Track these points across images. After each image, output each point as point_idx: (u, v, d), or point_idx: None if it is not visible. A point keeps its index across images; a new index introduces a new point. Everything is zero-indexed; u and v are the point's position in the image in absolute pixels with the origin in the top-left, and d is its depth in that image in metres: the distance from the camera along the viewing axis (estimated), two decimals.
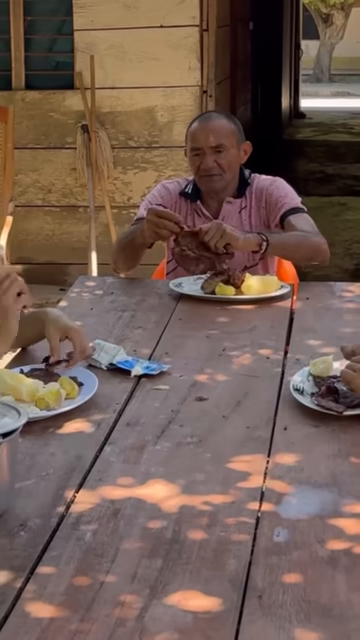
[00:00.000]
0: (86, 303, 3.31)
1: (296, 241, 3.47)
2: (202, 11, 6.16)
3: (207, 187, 3.66)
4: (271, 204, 3.65)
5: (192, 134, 3.66)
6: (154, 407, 2.47)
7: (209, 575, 1.75)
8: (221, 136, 3.61)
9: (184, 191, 3.73)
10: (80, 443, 2.27)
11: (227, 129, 3.64)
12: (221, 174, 3.62)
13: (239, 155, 3.68)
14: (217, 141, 3.60)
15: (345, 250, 8.22)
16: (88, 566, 1.77)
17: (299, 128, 16.71)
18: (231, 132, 3.65)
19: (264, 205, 3.67)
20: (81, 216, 6.50)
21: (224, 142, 3.61)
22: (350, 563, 1.78)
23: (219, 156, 3.60)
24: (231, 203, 3.67)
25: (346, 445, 2.25)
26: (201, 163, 3.61)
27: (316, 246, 3.50)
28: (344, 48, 27.38)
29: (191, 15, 6.13)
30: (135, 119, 6.33)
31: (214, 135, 3.61)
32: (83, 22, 6.24)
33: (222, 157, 3.61)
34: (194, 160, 3.64)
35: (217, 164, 3.60)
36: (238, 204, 3.68)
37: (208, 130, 3.62)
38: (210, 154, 3.60)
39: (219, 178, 3.63)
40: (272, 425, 2.36)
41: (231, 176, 3.66)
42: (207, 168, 3.60)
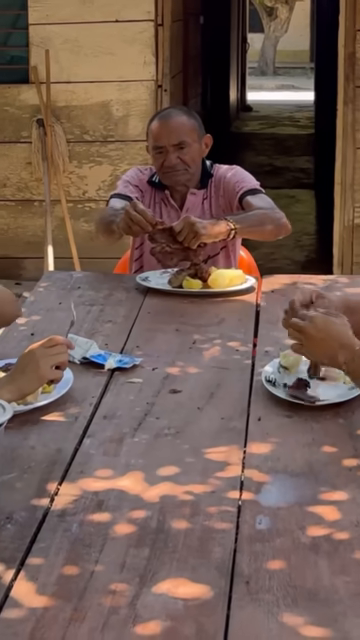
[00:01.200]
0: (54, 298, 3.33)
1: (259, 219, 3.52)
2: (157, 6, 6.18)
3: (171, 181, 3.71)
4: (229, 190, 3.71)
5: (153, 133, 3.69)
6: (129, 400, 2.50)
7: (196, 563, 1.79)
8: (182, 133, 3.65)
9: (151, 180, 3.79)
10: (59, 436, 2.30)
11: (187, 125, 3.69)
12: (186, 169, 3.67)
13: (201, 149, 3.73)
14: (179, 138, 3.64)
15: (295, 242, 8.30)
16: (77, 556, 1.81)
17: (246, 121, 16.80)
18: (192, 128, 3.69)
19: (222, 193, 3.73)
20: (36, 210, 6.50)
21: (185, 139, 3.65)
22: (331, 548, 1.83)
23: (182, 152, 3.65)
24: (195, 194, 3.73)
25: (319, 434, 2.30)
26: (164, 161, 3.65)
27: (278, 221, 3.57)
28: (288, 41, 27.49)
29: (146, 10, 6.15)
30: (90, 113, 6.34)
31: (175, 133, 3.65)
32: (38, 16, 6.23)
33: (185, 153, 3.65)
34: (157, 158, 3.68)
35: (180, 160, 3.65)
36: (201, 195, 3.73)
37: (169, 128, 3.66)
38: (173, 151, 3.64)
39: (183, 172, 3.68)
40: (246, 416, 2.40)
41: (195, 169, 3.71)
42: (170, 165, 3.65)
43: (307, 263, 7.61)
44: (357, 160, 6.19)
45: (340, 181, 6.24)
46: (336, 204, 6.30)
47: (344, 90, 6.15)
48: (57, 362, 2.37)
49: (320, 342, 2.35)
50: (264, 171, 11.53)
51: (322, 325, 2.35)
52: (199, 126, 3.74)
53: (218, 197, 3.73)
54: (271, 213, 3.57)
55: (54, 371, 2.38)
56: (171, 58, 6.39)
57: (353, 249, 6.28)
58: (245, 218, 3.48)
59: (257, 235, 3.63)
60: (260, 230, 3.54)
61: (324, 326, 2.35)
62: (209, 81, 11.55)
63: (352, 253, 6.28)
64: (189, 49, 8.62)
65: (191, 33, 8.98)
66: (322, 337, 2.34)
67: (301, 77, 24.99)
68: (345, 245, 6.28)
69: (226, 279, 3.33)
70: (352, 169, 6.20)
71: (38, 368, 2.34)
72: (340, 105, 6.19)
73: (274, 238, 3.64)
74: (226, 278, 3.33)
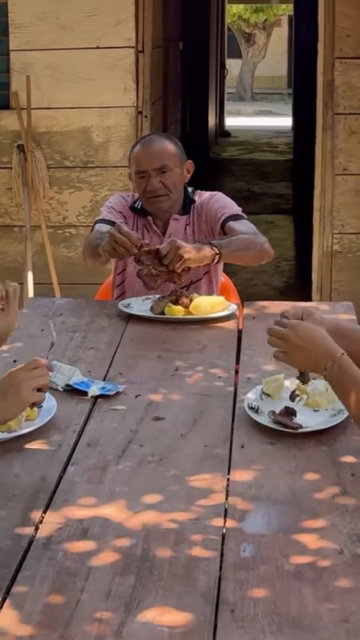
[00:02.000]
0: (37, 324, 3.34)
1: (243, 244, 3.54)
2: (137, 33, 6.21)
3: (154, 208, 3.74)
4: (211, 216, 3.74)
5: (135, 158, 3.74)
6: (113, 427, 2.51)
7: (181, 591, 1.80)
8: (164, 157, 3.70)
9: (134, 206, 3.82)
10: (43, 464, 2.30)
11: (169, 150, 3.73)
12: (167, 194, 3.71)
13: (182, 174, 3.77)
14: (160, 162, 3.68)
15: (274, 268, 8.33)
16: (62, 585, 1.81)
17: (225, 147, 16.87)
18: (173, 153, 3.74)
19: (204, 219, 3.76)
20: (16, 236, 6.50)
21: (167, 163, 3.69)
22: (315, 576, 1.85)
23: (163, 176, 3.68)
24: (177, 220, 3.76)
25: (302, 461, 2.32)
26: (147, 185, 3.69)
27: (261, 246, 3.59)
28: (266, 67, 27.68)
29: (127, 37, 6.18)
30: (71, 139, 6.36)
31: (157, 157, 3.69)
32: (19, 42, 6.25)
33: (167, 177, 3.69)
34: (140, 183, 3.72)
35: (162, 184, 3.69)
36: (184, 221, 3.77)
37: (151, 153, 3.70)
38: (155, 176, 3.68)
39: (165, 198, 3.71)
40: (229, 443, 2.42)
41: (177, 195, 3.75)
42: (153, 189, 3.68)
43: (286, 289, 7.65)
44: (336, 187, 6.23)
45: (319, 207, 6.28)
46: (315, 230, 6.33)
47: (323, 117, 6.19)
48: (38, 385, 2.37)
49: (302, 349, 2.35)
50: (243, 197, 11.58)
51: (303, 332, 2.36)
52: (180, 152, 3.78)
53: (200, 223, 3.76)
54: (254, 238, 3.59)
55: (36, 394, 2.37)
56: (151, 84, 6.43)
57: (332, 275, 6.31)
58: (229, 243, 3.51)
59: (240, 260, 3.65)
60: (243, 255, 3.56)
61: (305, 333, 2.36)
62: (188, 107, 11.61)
63: (331, 279, 6.31)
64: (169, 75, 8.67)
65: (171, 59, 9.03)
66: (303, 344, 2.35)
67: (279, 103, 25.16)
68: (324, 271, 6.31)
69: (208, 305, 3.35)
70: (331, 195, 6.24)
71: (20, 392, 2.34)
72: (319, 132, 6.23)
73: (257, 263, 3.67)
74: (208, 305, 3.36)
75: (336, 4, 6.05)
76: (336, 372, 2.29)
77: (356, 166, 6.20)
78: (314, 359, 2.34)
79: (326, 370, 2.30)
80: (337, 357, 2.29)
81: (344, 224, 6.27)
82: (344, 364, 2.29)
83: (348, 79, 6.13)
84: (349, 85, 6.13)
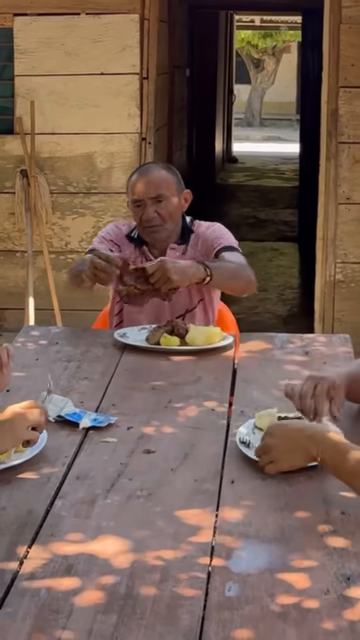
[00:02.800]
0: (31, 354, 3.33)
1: (234, 272, 3.56)
2: (142, 59, 6.24)
3: (150, 237, 3.74)
4: (207, 245, 3.74)
5: (132, 187, 3.74)
6: (103, 460, 2.49)
7: (163, 630, 1.77)
8: (160, 187, 3.69)
9: (130, 235, 3.82)
10: (31, 497, 2.28)
11: (166, 179, 3.73)
12: (162, 224, 3.70)
13: (180, 204, 3.76)
14: (156, 192, 3.68)
15: (278, 296, 8.33)
16: (44, 622, 1.79)
17: (232, 173, 16.91)
18: (170, 182, 3.73)
19: (199, 248, 3.75)
20: (18, 261, 6.51)
21: (163, 192, 3.69)
22: (300, 617, 1.82)
23: (159, 206, 3.68)
24: (174, 249, 3.75)
25: (292, 498, 2.29)
26: (142, 214, 3.68)
27: (249, 278, 3.60)
28: (275, 93, 27.75)
29: (131, 63, 6.21)
30: (74, 165, 6.38)
31: (153, 186, 3.69)
32: (24, 68, 6.28)
33: (162, 207, 3.68)
34: (136, 212, 3.72)
35: (158, 214, 3.68)
36: (181, 250, 3.76)
37: (147, 182, 3.70)
38: (150, 205, 3.67)
39: (161, 228, 3.71)
40: (220, 478, 2.40)
41: (173, 225, 3.74)
42: (148, 219, 3.68)
43: (289, 317, 7.63)
44: (339, 215, 6.23)
45: (322, 236, 6.28)
46: (318, 259, 6.33)
47: (327, 146, 6.20)
48: (34, 423, 2.37)
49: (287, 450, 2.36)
50: (248, 223, 11.61)
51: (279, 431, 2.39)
52: (178, 181, 3.78)
53: (196, 252, 3.75)
54: (244, 269, 3.60)
55: (30, 432, 2.38)
56: (156, 111, 6.44)
57: (334, 305, 6.30)
58: (221, 267, 3.51)
59: (228, 287, 3.66)
60: (232, 283, 3.58)
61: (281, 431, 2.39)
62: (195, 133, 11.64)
63: (333, 309, 6.30)
64: (175, 101, 8.69)
65: (177, 86, 9.06)
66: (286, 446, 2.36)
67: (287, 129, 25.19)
68: (327, 300, 6.30)
69: (203, 336, 3.34)
70: (334, 224, 6.24)
71: (14, 428, 2.34)
72: (323, 161, 6.24)
73: (241, 294, 3.71)
74: (203, 335, 3.34)
75: (341, 33, 6.08)
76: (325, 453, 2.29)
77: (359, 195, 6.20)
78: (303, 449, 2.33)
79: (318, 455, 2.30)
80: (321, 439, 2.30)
81: (347, 253, 6.27)
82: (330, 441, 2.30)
83: (352, 108, 6.14)
84: (353, 114, 6.14)
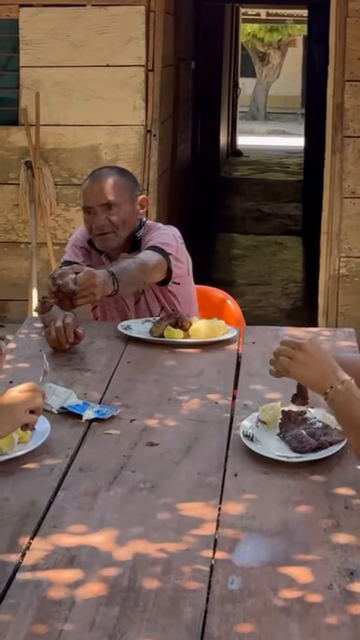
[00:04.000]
0: (34, 345, 3.32)
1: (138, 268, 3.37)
2: (148, 51, 6.23)
3: (101, 245, 3.61)
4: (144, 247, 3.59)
5: (83, 193, 3.59)
6: (106, 452, 2.49)
7: (166, 623, 1.77)
8: (110, 193, 3.52)
9: (90, 241, 3.68)
10: (34, 489, 2.28)
11: (117, 185, 3.55)
12: (114, 231, 3.54)
13: (134, 210, 3.59)
14: (107, 198, 3.51)
15: (282, 290, 8.32)
16: (46, 614, 1.79)
17: (236, 166, 16.89)
18: (122, 188, 3.56)
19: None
20: (22, 252, 6.50)
21: (114, 198, 3.52)
22: (303, 611, 1.82)
23: (110, 213, 3.52)
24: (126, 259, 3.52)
25: (296, 492, 2.29)
26: (93, 222, 3.54)
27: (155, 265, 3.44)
28: (280, 86, 27.72)
29: (137, 55, 6.20)
30: (79, 156, 6.37)
31: (103, 192, 3.52)
32: (29, 59, 6.27)
33: (113, 213, 3.52)
34: (87, 219, 3.57)
35: (109, 221, 3.52)
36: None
37: (97, 188, 3.53)
38: (101, 212, 3.51)
39: (113, 236, 3.55)
40: (223, 471, 2.39)
41: (126, 232, 3.58)
42: (98, 226, 3.53)
43: (293, 311, 7.62)
44: (344, 209, 6.22)
45: (326, 230, 6.27)
46: (322, 253, 6.32)
47: (332, 140, 6.19)
48: (32, 407, 2.37)
49: (308, 363, 2.33)
50: (252, 217, 11.59)
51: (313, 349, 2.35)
52: (132, 186, 3.61)
53: None
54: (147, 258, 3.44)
55: (29, 415, 2.38)
56: (161, 103, 6.43)
57: (338, 299, 6.29)
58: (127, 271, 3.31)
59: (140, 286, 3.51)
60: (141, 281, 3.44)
61: (315, 350, 2.35)
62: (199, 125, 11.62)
63: (337, 303, 6.29)
64: (180, 94, 8.67)
65: (182, 78, 9.03)
66: (311, 359, 2.33)
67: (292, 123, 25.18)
68: (330, 295, 6.30)
69: (207, 329, 3.33)
70: (339, 218, 6.23)
71: (13, 412, 2.34)
72: (328, 154, 6.23)
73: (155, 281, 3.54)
74: (207, 328, 3.33)
75: (347, 27, 6.06)
76: (343, 394, 2.26)
77: None
78: (320, 375, 2.32)
79: (331, 389, 2.27)
80: (346, 379, 2.28)
81: (351, 247, 6.26)
82: (350, 388, 2.27)
83: (358, 102, 6.13)
84: (359, 108, 6.12)
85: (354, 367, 2.67)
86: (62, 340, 3.16)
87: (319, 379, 2.33)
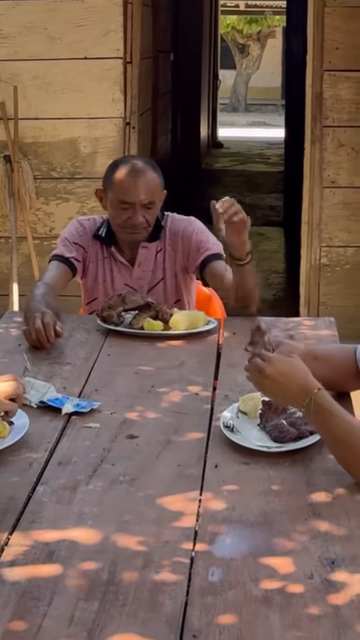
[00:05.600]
0: (13, 340, 3.30)
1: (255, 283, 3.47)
2: (126, 43, 6.19)
3: (129, 239, 3.62)
4: (191, 249, 3.63)
5: (122, 187, 3.53)
6: (85, 445, 2.47)
7: (145, 617, 1.76)
8: (153, 193, 3.55)
9: (98, 234, 3.68)
10: (12, 483, 2.26)
11: (157, 184, 3.58)
12: (146, 228, 3.59)
13: (160, 205, 3.64)
14: (149, 198, 3.53)
15: (264, 280, 8.29)
16: (25, 610, 1.77)
17: (217, 158, 16.85)
18: (160, 187, 3.59)
19: (180, 248, 3.65)
20: (2, 247, 6.47)
21: (155, 199, 3.56)
22: (283, 602, 1.81)
23: (148, 212, 3.55)
24: (147, 248, 3.64)
25: (276, 482, 2.28)
26: (129, 218, 3.54)
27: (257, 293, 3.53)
28: (260, 78, 27.67)
29: (115, 47, 6.16)
30: (58, 150, 6.33)
31: (146, 192, 3.52)
32: (7, 52, 6.22)
33: (151, 213, 3.56)
34: (121, 213, 3.54)
35: (145, 219, 3.56)
36: (154, 248, 3.66)
37: (140, 186, 3.52)
38: (140, 209, 3.53)
39: (144, 231, 3.60)
40: (203, 463, 2.38)
41: (152, 226, 3.63)
42: (136, 224, 3.55)
43: (275, 302, 7.61)
44: (324, 199, 6.21)
45: (307, 220, 6.25)
46: (303, 243, 6.30)
47: (311, 130, 6.17)
48: (12, 394, 2.37)
49: (279, 384, 2.34)
50: None
51: (281, 367, 2.35)
52: (163, 182, 3.63)
53: (175, 252, 3.66)
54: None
55: (9, 402, 2.37)
56: (140, 95, 6.40)
57: (320, 289, 6.28)
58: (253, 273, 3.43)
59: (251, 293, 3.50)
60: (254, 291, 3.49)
61: (282, 368, 2.35)
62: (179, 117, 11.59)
63: (318, 293, 6.28)
64: (159, 86, 8.64)
65: (161, 70, 9.01)
66: (281, 379, 2.34)
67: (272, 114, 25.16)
68: (312, 285, 6.28)
69: (187, 321, 3.31)
70: (319, 208, 6.21)
71: None
72: (307, 144, 6.21)
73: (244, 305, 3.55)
74: (187, 320, 3.32)
75: (325, 16, 6.04)
76: (313, 407, 2.28)
77: (344, 179, 6.18)
78: (292, 395, 2.33)
79: (304, 407, 2.30)
80: (313, 393, 2.29)
81: (332, 237, 6.25)
82: (320, 399, 2.28)
83: (337, 92, 6.11)
84: (338, 98, 6.11)
85: (332, 359, 2.68)
86: (43, 340, 3.14)
87: (291, 399, 2.36)
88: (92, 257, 3.66)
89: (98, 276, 3.67)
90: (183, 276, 3.67)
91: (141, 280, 3.65)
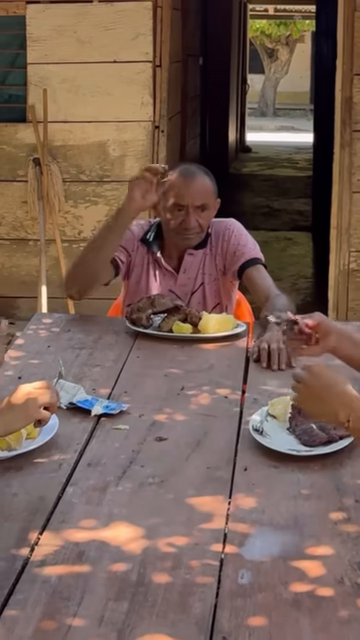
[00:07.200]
0: (43, 341, 3.31)
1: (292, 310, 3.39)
2: (155, 47, 6.20)
3: (183, 243, 3.62)
4: (229, 252, 3.64)
5: (177, 190, 3.54)
6: (114, 447, 2.48)
7: (175, 618, 1.76)
8: (206, 196, 3.56)
9: (145, 238, 3.68)
10: (42, 484, 2.27)
11: (211, 188, 3.59)
12: (199, 232, 3.59)
13: (214, 212, 3.65)
14: (202, 201, 3.54)
15: (292, 285, 8.28)
16: (55, 609, 1.78)
17: (245, 162, 16.85)
18: (213, 191, 3.60)
19: (220, 252, 3.65)
20: (31, 249, 6.49)
21: (208, 202, 3.56)
22: (313, 605, 1.80)
23: (201, 215, 3.56)
24: (193, 255, 3.64)
25: (306, 486, 2.28)
26: (183, 221, 3.54)
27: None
28: (288, 83, 27.66)
29: (144, 51, 6.17)
30: (87, 153, 6.35)
31: (200, 195, 3.54)
32: (37, 56, 6.25)
33: (204, 216, 3.57)
34: (176, 215, 3.55)
35: (198, 223, 3.56)
36: (200, 255, 3.65)
37: (194, 189, 3.54)
38: (193, 212, 3.53)
39: (197, 236, 3.60)
40: (232, 466, 2.38)
41: (205, 233, 3.64)
42: (190, 227, 3.55)
43: (303, 307, 7.57)
44: (353, 204, 6.19)
45: (336, 225, 6.24)
46: (332, 248, 6.29)
47: (340, 134, 6.16)
48: (46, 402, 2.35)
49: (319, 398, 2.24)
50: (262, 213, 11.55)
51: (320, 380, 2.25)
52: (216, 189, 3.64)
53: (215, 255, 3.66)
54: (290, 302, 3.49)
55: (42, 411, 2.35)
56: (169, 99, 6.41)
57: (348, 294, 6.26)
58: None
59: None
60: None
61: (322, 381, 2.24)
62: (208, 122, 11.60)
63: (347, 298, 6.26)
64: (188, 90, 8.65)
65: (190, 74, 9.02)
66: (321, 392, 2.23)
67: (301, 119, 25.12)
68: (340, 290, 6.27)
69: (216, 324, 3.31)
70: (348, 213, 6.20)
71: (27, 406, 2.32)
72: (337, 149, 6.20)
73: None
74: (216, 323, 3.31)
75: (355, 21, 6.03)
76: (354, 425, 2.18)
77: None
78: (333, 411, 2.20)
79: (349, 422, 2.18)
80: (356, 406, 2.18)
81: None
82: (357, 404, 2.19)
83: None
84: None
85: None
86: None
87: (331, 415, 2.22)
88: (137, 261, 3.65)
89: (141, 281, 3.66)
90: (223, 280, 3.67)
91: (185, 287, 3.64)
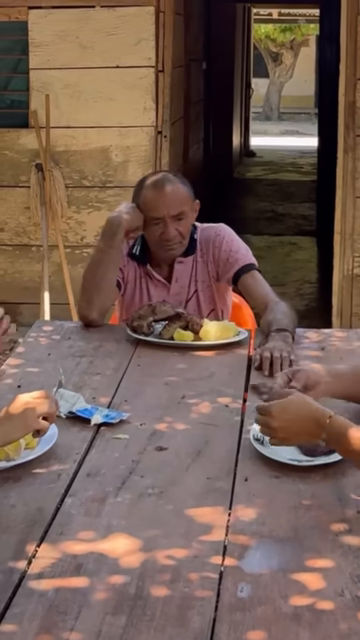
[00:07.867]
0: (43, 348, 3.29)
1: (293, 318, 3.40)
2: (157, 52, 6.19)
3: (167, 255, 3.58)
4: (221, 259, 3.59)
5: (150, 203, 3.49)
6: (114, 457, 2.45)
7: (173, 632, 1.73)
8: (181, 204, 3.50)
9: (132, 252, 3.64)
10: (40, 495, 2.25)
11: (185, 194, 3.53)
12: (181, 241, 3.55)
13: (193, 216, 3.60)
14: (178, 209, 3.49)
15: (296, 290, 8.27)
16: (51, 624, 1.75)
17: (249, 167, 16.84)
18: (188, 197, 3.54)
19: (211, 258, 3.61)
20: (34, 255, 6.48)
21: (184, 209, 3.51)
22: (313, 619, 1.78)
23: (180, 224, 3.51)
24: (183, 262, 3.60)
25: (307, 496, 2.25)
26: (162, 232, 3.50)
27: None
28: (293, 87, 27.64)
29: (147, 56, 6.16)
30: (89, 158, 6.34)
31: (174, 204, 3.49)
32: (39, 61, 6.24)
33: (183, 224, 3.52)
34: (154, 229, 3.51)
35: (178, 232, 3.52)
36: (190, 262, 3.62)
37: (167, 199, 3.48)
38: (171, 223, 3.49)
39: (179, 245, 3.56)
40: (233, 476, 2.35)
41: (187, 239, 3.59)
42: (170, 238, 3.51)
43: (307, 312, 7.56)
44: (357, 209, 6.17)
45: (340, 230, 6.22)
46: (335, 253, 6.27)
47: (344, 139, 6.14)
48: (45, 413, 2.34)
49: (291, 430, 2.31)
50: (266, 217, 11.54)
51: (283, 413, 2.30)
52: (191, 193, 3.58)
53: (207, 262, 3.61)
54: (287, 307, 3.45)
55: (41, 421, 2.34)
56: (171, 104, 6.39)
57: (352, 299, 6.24)
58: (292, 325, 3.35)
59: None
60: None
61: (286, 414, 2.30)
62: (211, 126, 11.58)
63: (351, 303, 6.24)
64: (191, 95, 8.63)
65: (193, 79, 9.00)
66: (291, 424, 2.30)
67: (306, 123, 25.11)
68: (344, 295, 6.25)
69: (218, 331, 3.29)
70: (352, 218, 6.18)
71: (25, 416, 2.31)
72: (340, 154, 6.18)
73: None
74: (218, 330, 3.29)
75: (358, 24, 6.01)
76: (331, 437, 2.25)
77: None
78: (308, 432, 2.29)
79: (324, 440, 2.26)
80: (326, 424, 2.25)
81: None
82: (335, 426, 2.25)
83: None
84: None
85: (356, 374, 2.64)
86: None
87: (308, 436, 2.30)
88: (130, 277, 3.62)
89: (135, 295, 3.63)
90: (216, 286, 3.64)
91: (179, 296, 3.61)
